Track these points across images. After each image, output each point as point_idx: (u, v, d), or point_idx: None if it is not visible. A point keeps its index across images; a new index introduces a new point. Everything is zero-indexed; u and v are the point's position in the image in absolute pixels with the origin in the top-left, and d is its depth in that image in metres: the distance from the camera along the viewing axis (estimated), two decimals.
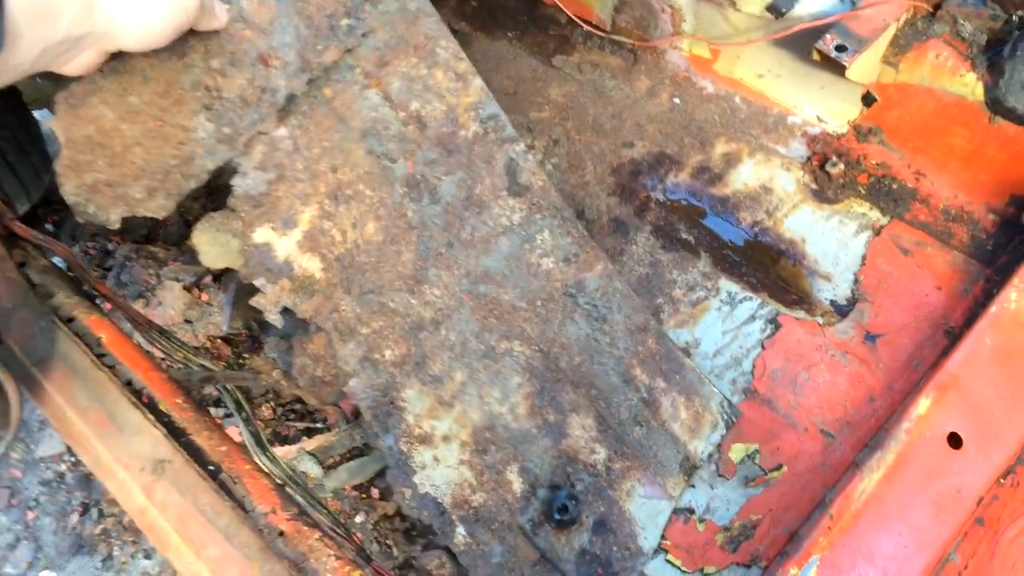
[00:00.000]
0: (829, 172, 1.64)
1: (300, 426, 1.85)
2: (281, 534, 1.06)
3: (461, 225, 1.28)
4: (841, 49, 1.48)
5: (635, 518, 1.30)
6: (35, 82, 1.79)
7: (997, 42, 1.44)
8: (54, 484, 2.14)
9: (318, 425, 1.84)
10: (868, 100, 1.61)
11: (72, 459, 2.16)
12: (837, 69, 1.50)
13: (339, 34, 1.16)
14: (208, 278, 2.07)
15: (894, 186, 1.62)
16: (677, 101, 1.84)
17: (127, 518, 2.07)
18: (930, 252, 1.54)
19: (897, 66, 1.53)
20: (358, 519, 1.70)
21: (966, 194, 1.56)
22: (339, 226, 1.19)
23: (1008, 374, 1.14)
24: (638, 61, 1.91)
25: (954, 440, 1.09)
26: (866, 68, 1.53)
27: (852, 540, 1.04)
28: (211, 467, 1.13)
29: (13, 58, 0.74)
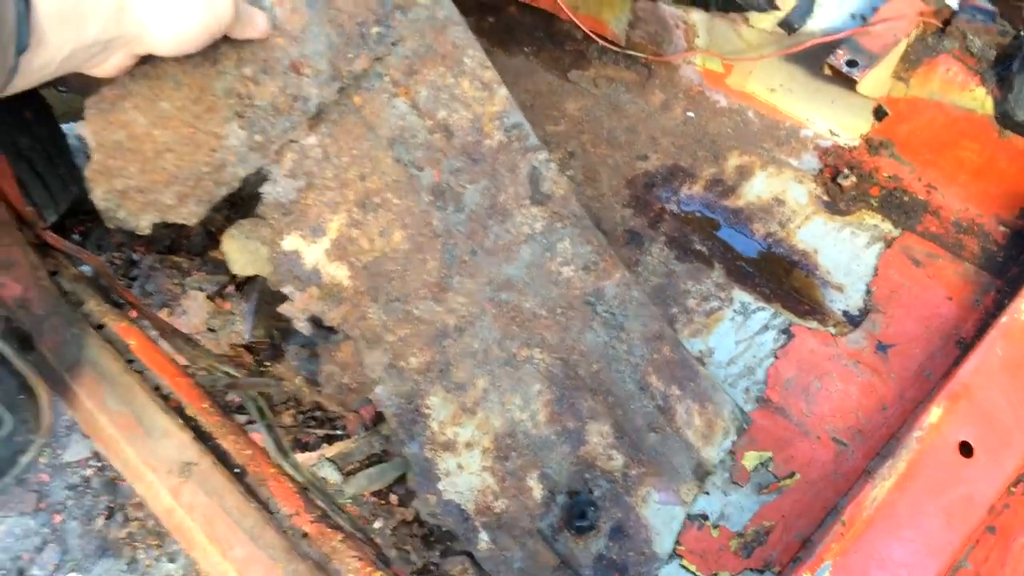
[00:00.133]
0: (841, 184, 1.66)
1: (320, 433, 1.87)
2: (305, 535, 1.08)
3: (485, 233, 1.28)
4: (852, 64, 1.50)
5: (650, 524, 1.31)
6: (64, 96, 1.84)
7: (1006, 57, 1.46)
8: (80, 488, 2.18)
9: (338, 432, 1.86)
10: (879, 114, 1.63)
11: (98, 464, 2.20)
12: (848, 84, 1.52)
13: (369, 42, 1.15)
14: (231, 288, 2.10)
15: (905, 198, 1.63)
16: (691, 115, 1.87)
17: (152, 522, 2.11)
18: (941, 264, 1.56)
19: (908, 81, 1.55)
20: (377, 524, 1.72)
21: (976, 206, 1.58)
22: (367, 234, 1.19)
23: (1019, 384, 1.15)
24: (652, 76, 1.93)
25: (965, 449, 1.10)
26: (877, 83, 1.55)
27: (864, 547, 1.05)
28: (237, 470, 1.15)
29: (39, 59, 0.73)
